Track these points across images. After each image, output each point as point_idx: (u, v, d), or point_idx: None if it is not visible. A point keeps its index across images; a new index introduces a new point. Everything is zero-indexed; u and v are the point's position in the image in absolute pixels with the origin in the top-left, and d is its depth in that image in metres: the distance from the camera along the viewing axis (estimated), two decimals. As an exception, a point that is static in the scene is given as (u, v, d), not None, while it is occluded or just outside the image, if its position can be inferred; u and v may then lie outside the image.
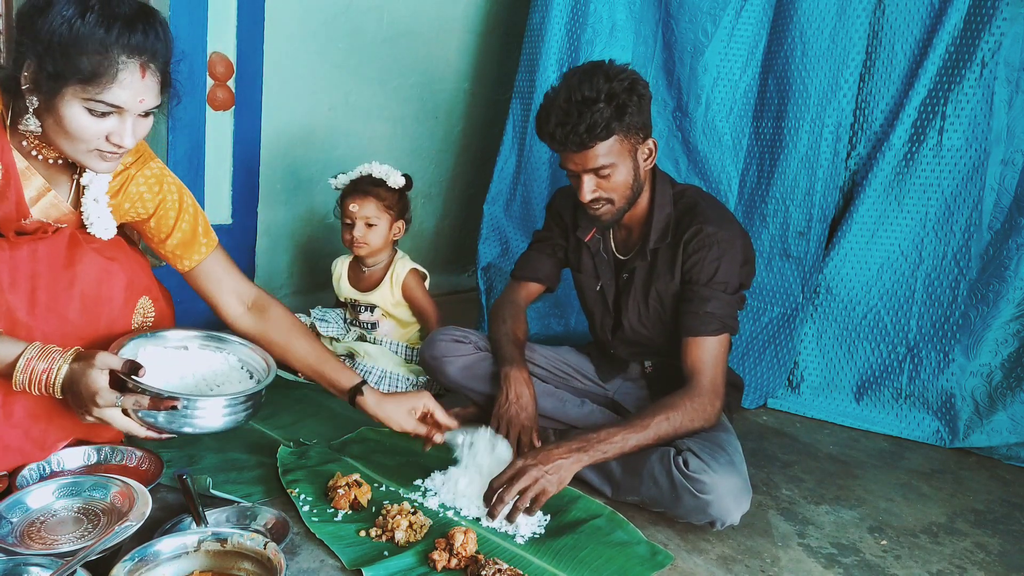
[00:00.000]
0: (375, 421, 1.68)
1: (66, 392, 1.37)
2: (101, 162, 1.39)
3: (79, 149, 1.36)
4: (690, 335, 1.75)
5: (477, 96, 3.35)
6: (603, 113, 1.64)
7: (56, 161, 1.47)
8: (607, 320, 2.00)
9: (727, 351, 1.77)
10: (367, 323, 2.40)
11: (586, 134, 1.65)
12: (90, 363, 1.36)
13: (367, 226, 2.33)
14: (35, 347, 1.36)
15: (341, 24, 2.84)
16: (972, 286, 2.23)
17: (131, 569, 1.17)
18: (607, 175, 1.72)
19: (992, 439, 2.20)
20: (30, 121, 1.35)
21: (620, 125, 1.67)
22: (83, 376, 1.35)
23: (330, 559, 1.41)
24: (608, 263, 1.96)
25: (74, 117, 1.32)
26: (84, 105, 1.31)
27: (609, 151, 1.69)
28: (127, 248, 1.62)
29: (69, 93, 1.30)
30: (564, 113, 1.66)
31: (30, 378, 1.34)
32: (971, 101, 2.21)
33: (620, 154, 1.71)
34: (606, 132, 1.66)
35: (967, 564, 1.63)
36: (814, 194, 2.42)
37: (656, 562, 1.49)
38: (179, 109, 2.62)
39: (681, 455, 1.59)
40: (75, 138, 1.34)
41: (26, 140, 1.42)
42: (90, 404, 1.35)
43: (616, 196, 1.76)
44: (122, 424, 1.40)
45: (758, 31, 2.52)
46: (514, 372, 1.87)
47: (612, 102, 1.65)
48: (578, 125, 1.64)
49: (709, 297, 1.75)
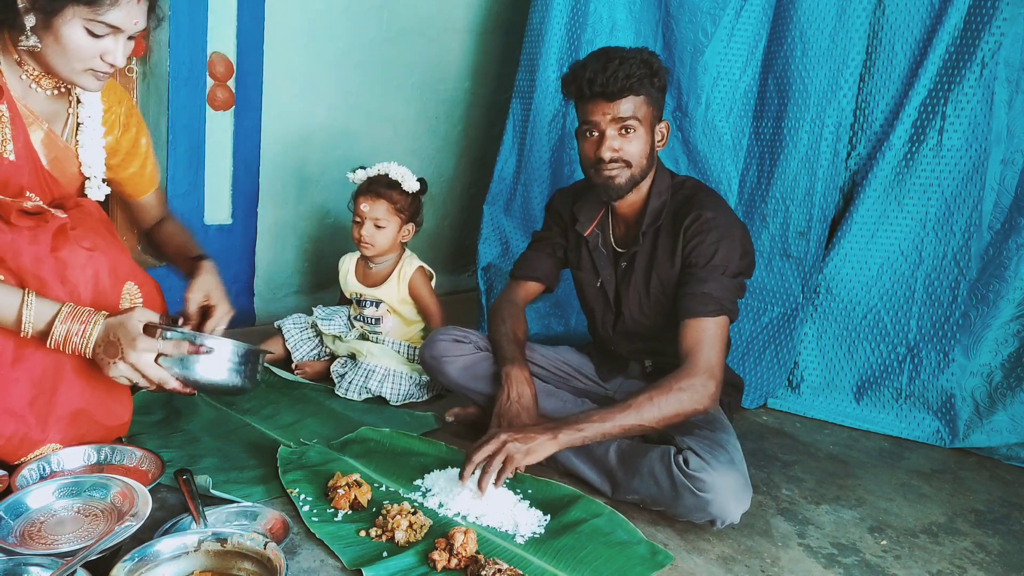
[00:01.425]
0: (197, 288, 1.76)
1: (98, 345, 1.43)
2: (94, 80, 1.48)
3: (75, 68, 1.45)
4: (687, 316, 1.73)
5: (477, 96, 3.35)
6: (640, 68, 1.74)
7: (54, 91, 1.55)
8: (608, 315, 2.00)
9: (725, 334, 1.75)
10: (371, 318, 2.40)
11: (624, 80, 1.73)
12: (128, 316, 1.44)
13: (376, 227, 2.33)
14: (69, 306, 1.43)
15: (341, 24, 2.84)
16: (972, 286, 2.23)
17: (131, 569, 1.17)
18: (628, 134, 1.78)
19: (992, 439, 2.20)
20: (30, 38, 1.42)
21: (651, 87, 1.77)
22: (120, 326, 1.42)
23: (330, 559, 1.41)
24: (608, 258, 1.97)
25: (73, 36, 1.40)
26: (85, 25, 1.40)
27: (637, 108, 1.77)
28: (108, 236, 1.64)
29: (70, 13, 1.38)
30: (603, 63, 1.75)
31: (67, 332, 1.41)
32: (971, 101, 2.21)
33: (644, 118, 1.79)
34: (639, 85, 1.75)
35: (967, 564, 1.63)
36: (814, 194, 2.42)
37: (656, 562, 1.49)
38: (179, 109, 2.63)
39: (681, 454, 1.59)
40: (72, 57, 1.43)
41: (25, 73, 1.50)
42: (128, 350, 1.41)
43: (634, 162, 1.80)
44: (154, 373, 1.45)
45: (758, 31, 2.52)
46: (515, 371, 1.87)
47: (648, 65, 1.75)
48: (618, 71, 1.73)
49: (706, 279, 1.75)
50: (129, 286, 1.62)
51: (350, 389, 2.21)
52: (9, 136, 1.46)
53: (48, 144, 1.59)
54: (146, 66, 2.56)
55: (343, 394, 2.21)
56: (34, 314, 1.40)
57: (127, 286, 1.62)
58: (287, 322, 2.46)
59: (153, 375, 1.45)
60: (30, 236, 1.46)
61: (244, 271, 2.80)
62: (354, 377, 2.23)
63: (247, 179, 2.73)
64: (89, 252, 1.52)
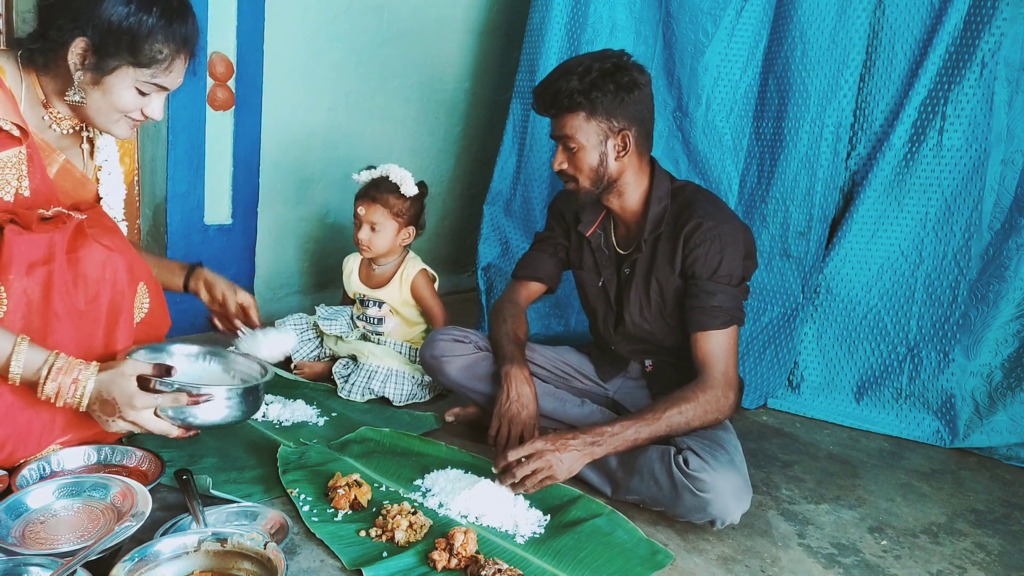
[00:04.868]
0: (204, 286, 1.86)
1: (92, 403, 1.42)
2: (128, 130, 1.54)
3: (111, 119, 1.51)
4: (699, 330, 1.75)
5: (477, 96, 3.35)
6: (572, 85, 1.70)
7: (69, 131, 1.58)
8: (609, 316, 2.01)
9: (736, 342, 1.77)
10: (374, 318, 2.40)
11: (552, 98, 1.73)
12: (120, 372, 1.42)
13: (372, 230, 2.33)
14: (59, 358, 1.41)
15: (341, 24, 2.84)
16: (972, 286, 2.23)
17: (131, 569, 1.17)
18: (573, 150, 1.77)
19: (992, 439, 2.20)
20: (76, 94, 1.46)
21: (586, 102, 1.71)
22: (113, 385, 1.41)
23: (330, 559, 1.41)
24: (610, 258, 1.97)
25: (123, 93, 1.46)
26: (136, 85, 1.46)
27: (576, 128, 1.74)
28: (125, 240, 1.66)
29: (122, 72, 1.44)
30: (548, 79, 1.75)
31: (58, 390, 1.40)
32: (971, 101, 2.21)
33: (587, 135, 1.75)
34: (569, 103, 1.72)
35: (967, 564, 1.63)
36: (814, 194, 2.42)
37: (656, 562, 1.49)
38: (179, 109, 2.62)
39: (681, 454, 1.59)
40: (114, 110, 1.49)
41: (48, 114, 1.53)
42: (127, 409, 1.41)
43: (580, 176, 1.80)
44: (156, 426, 1.45)
45: (758, 31, 2.52)
46: (515, 370, 1.88)
47: (585, 78, 1.71)
48: (547, 89, 1.74)
49: (714, 291, 1.76)
50: (141, 287, 1.64)
51: (353, 390, 2.21)
52: (26, 173, 1.47)
53: (64, 175, 1.60)
54: (146, 66, 2.57)
55: (346, 396, 2.21)
56: (23, 364, 1.37)
57: (140, 287, 1.64)
58: (287, 322, 2.46)
59: (155, 428, 1.45)
60: (45, 239, 1.46)
61: (244, 271, 2.80)
62: (357, 378, 2.23)
63: (247, 179, 2.73)
64: (108, 250, 1.54)
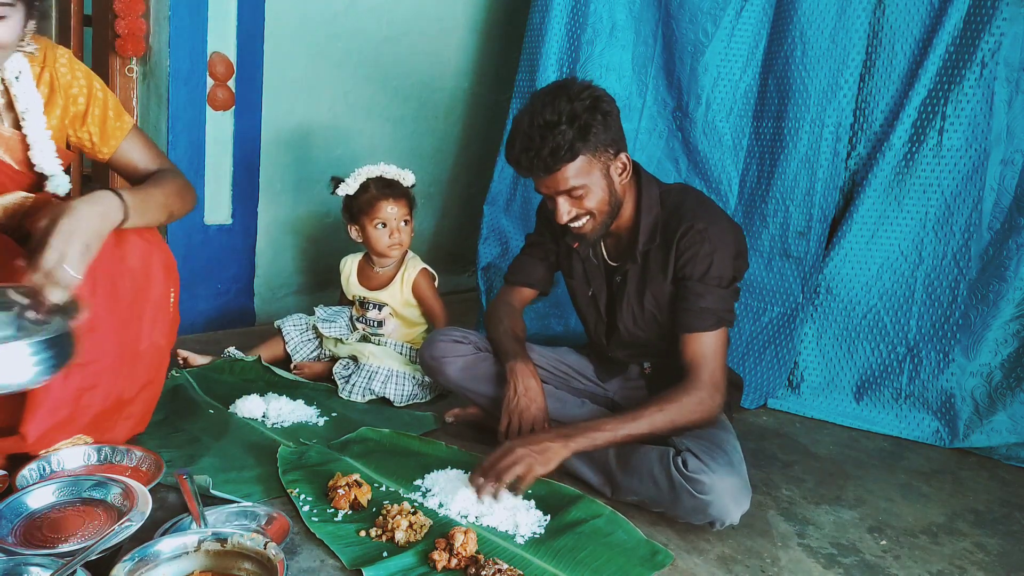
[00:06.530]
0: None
1: None
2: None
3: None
4: (687, 331, 1.74)
5: (477, 96, 3.35)
6: (566, 135, 1.62)
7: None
8: (600, 325, 2.00)
9: (726, 344, 1.77)
10: (374, 321, 2.39)
11: (550, 158, 1.63)
12: None
13: (405, 224, 2.34)
14: None
15: (341, 24, 2.84)
16: (972, 286, 2.23)
17: (131, 569, 1.17)
18: (580, 196, 1.70)
19: (992, 439, 2.20)
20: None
21: (585, 145, 1.65)
22: None
23: (330, 559, 1.41)
24: (599, 268, 1.96)
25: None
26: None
27: (579, 172, 1.67)
28: (160, 237, 1.67)
29: None
30: (528, 138, 1.65)
31: None
32: (971, 101, 2.21)
33: (591, 173, 1.69)
34: (571, 154, 1.64)
35: (967, 564, 1.63)
36: (814, 194, 2.42)
37: (656, 562, 1.49)
38: (179, 109, 2.61)
39: (680, 455, 1.59)
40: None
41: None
42: None
43: (595, 211, 1.74)
44: None
45: (758, 31, 2.52)
46: (519, 365, 1.87)
47: (575, 123, 1.63)
48: (541, 149, 1.63)
49: (704, 293, 1.75)
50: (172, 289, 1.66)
51: (353, 391, 2.21)
52: None
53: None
54: (146, 66, 2.56)
55: (347, 396, 2.21)
56: None
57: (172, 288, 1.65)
58: (287, 323, 2.46)
59: None
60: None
61: (244, 271, 2.80)
62: (357, 379, 2.23)
63: (247, 179, 2.74)
64: (148, 243, 1.55)
